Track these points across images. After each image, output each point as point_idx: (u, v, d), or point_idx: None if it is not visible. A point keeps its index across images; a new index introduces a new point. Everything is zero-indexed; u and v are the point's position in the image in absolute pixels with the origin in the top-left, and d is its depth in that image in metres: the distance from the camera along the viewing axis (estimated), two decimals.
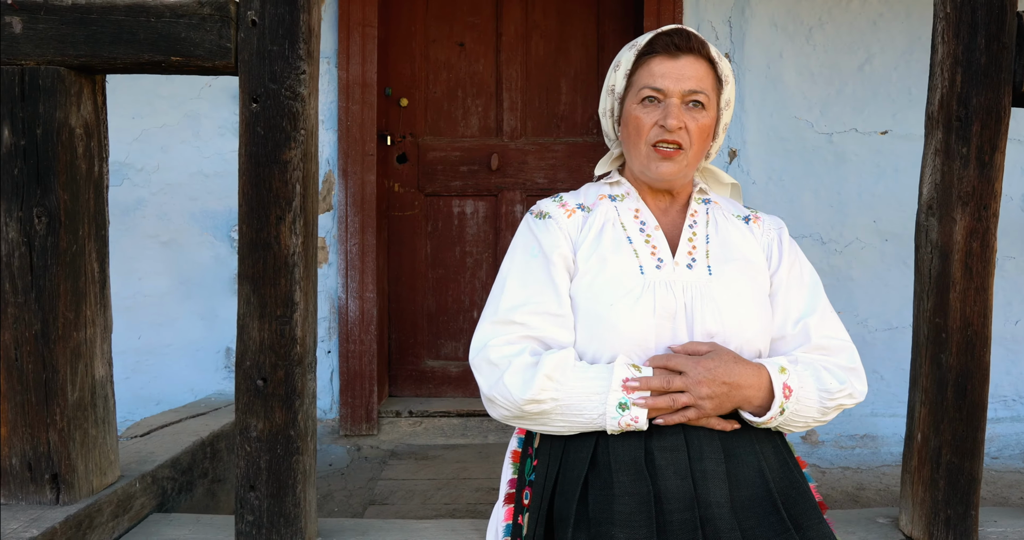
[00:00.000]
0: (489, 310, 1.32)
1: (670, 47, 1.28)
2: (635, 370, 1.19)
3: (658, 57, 1.29)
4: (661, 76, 1.28)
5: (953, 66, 1.43)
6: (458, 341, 3.15)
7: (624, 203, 1.38)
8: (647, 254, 1.31)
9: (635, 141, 1.31)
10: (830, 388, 1.23)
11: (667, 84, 1.27)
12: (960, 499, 1.49)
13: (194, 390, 2.67)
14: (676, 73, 1.27)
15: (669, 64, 1.28)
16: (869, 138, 2.83)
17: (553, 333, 1.27)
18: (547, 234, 1.33)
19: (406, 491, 2.31)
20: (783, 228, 1.41)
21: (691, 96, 1.27)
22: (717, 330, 1.24)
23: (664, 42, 1.29)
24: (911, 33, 2.81)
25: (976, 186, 1.43)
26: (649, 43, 1.30)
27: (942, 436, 1.48)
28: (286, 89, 1.38)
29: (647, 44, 1.31)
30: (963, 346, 1.46)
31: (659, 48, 1.29)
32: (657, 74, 1.28)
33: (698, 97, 1.28)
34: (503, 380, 1.22)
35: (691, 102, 1.28)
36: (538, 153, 3.08)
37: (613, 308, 1.25)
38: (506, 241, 3.10)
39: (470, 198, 3.12)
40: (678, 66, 1.27)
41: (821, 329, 1.31)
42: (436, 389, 3.13)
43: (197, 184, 2.63)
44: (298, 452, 1.43)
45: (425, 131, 3.08)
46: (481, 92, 3.09)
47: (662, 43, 1.29)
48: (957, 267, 1.44)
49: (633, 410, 1.17)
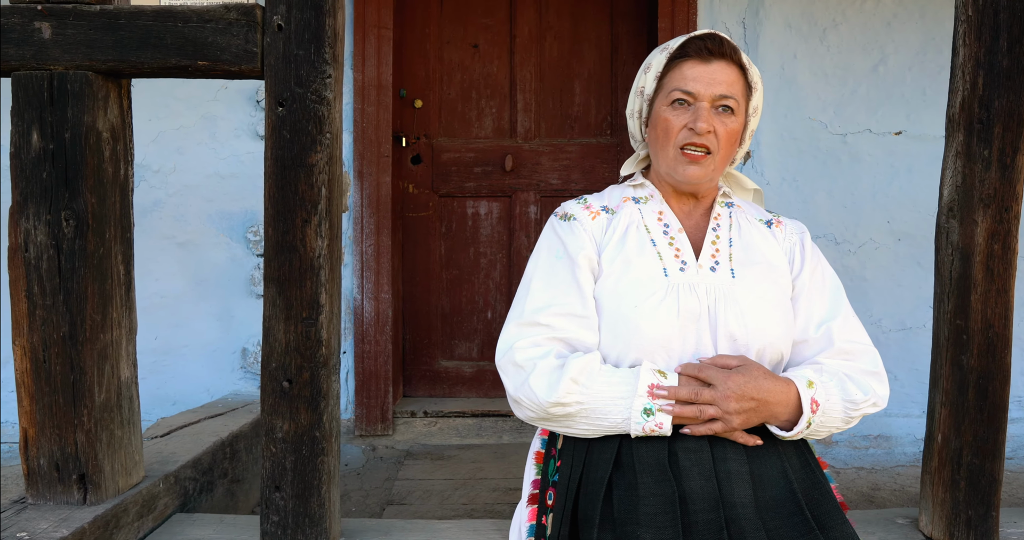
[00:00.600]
0: (515, 312, 1.33)
1: (703, 51, 1.29)
2: (661, 376, 1.20)
3: (690, 61, 1.30)
4: (693, 80, 1.28)
5: (975, 68, 1.43)
6: (472, 341, 3.16)
7: (648, 205, 1.38)
8: (671, 256, 1.32)
9: (663, 143, 1.32)
10: (855, 398, 1.24)
11: (698, 88, 1.28)
12: (981, 500, 1.50)
13: (210, 391, 2.68)
14: (708, 77, 1.28)
15: (701, 68, 1.28)
16: (883, 139, 2.83)
17: (578, 334, 1.28)
18: (572, 236, 1.34)
19: (423, 491, 2.32)
20: (805, 233, 1.42)
21: (721, 101, 1.28)
22: (740, 333, 1.25)
23: (697, 46, 1.29)
24: (925, 33, 2.81)
25: (997, 188, 1.44)
26: (681, 47, 1.31)
27: (963, 437, 1.49)
28: (312, 93, 1.39)
29: (679, 48, 1.31)
30: (984, 348, 1.46)
31: (692, 52, 1.29)
32: (689, 77, 1.29)
33: (728, 102, 1.28)
34: (529, 382, 1.23)
35: (721, 107, 1.29)
36: (552, 154, 3.09)
37: (637, 310, 1.26)
38: (520, 242, 3.11)
39: (484, 199, 3.13)
40: (710, 70, 1.28)
41: (844, 333, 1.31)
42: (450, 389, 3.14)
43: (213, 185, 2.65)
44: (323, 453, 1.44)
45: (439, 132, 3.10)
46: (495, 93, 3.10)
47: (695, 47, 1.29)
48: (979, 269, 1.45)
49: (658, 416, 1.18)
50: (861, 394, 1.24)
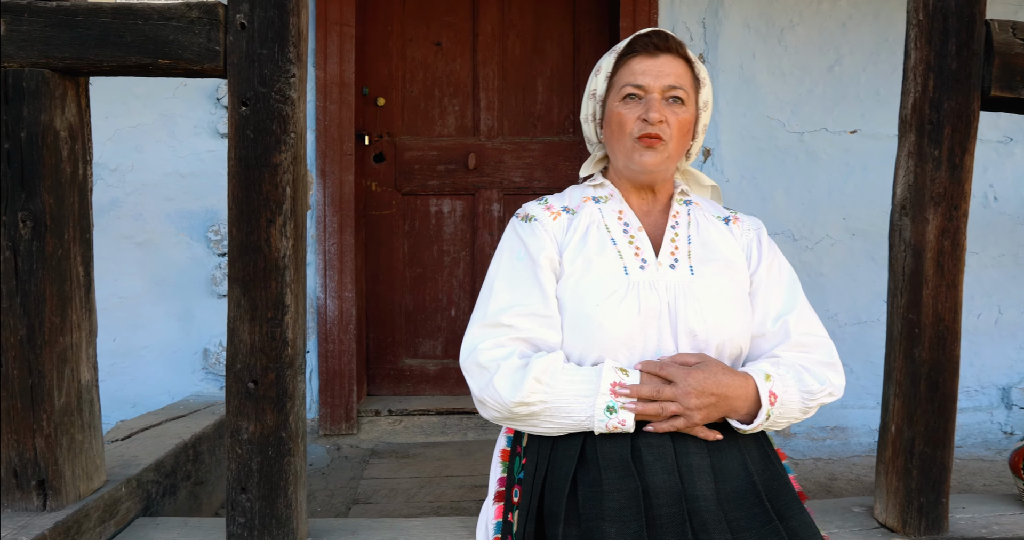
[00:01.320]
0: (478, 313, 1.34)
1: (649, 47, 1.32)
2: (623, 374, 1.22)
3: (638, 56, 1.33)
4: (641, 73, 1.32)
5: (926, 71, 1.48)
6: (436, 339, 3.16)
7: (608, 205, 1.41)
8: (631, 255, 1.34)
9: (619, 137, 1.35)
10: (812, 389, 1.27)
11: (647, 80, 1.31)
12: (932, 487, 1.55)
13: (171, 392, 2.64)
14: (656, 70, 1.31)
15: (649, 62, 1.32)
16: (839, 137, 2.90)
17: (541, 334, 1.29)
18: (533, 237, 1.36)
19: (389, 490, 2.32)
20: (762, 228, 1.45)
21: (671, 91, 1.31)
22: (700, 328, 1.28)
23: (643, 42, 1.33)
24: (879, 35, 2.89)
25: (947, 187, 1.49)
26: (628, 44, 1.35)
27: (915, 427, 1.54)
28: (276, 92, 1.38)
29: (626, 46, 1.35)
30: (935, 341, 1.52)
31: (639, 48, 1.33)
32: (637, 71, 1.32)
33: (677, 93, 1.32)
34: (493, 383, 1.24)
35: (671, 98, 1.32)
36: (515, 152, 3.11)
37: (599, 308, 1.28)
38: (483, 240, 3.12)
39: (447, 197, 3.13)
40: (657, 64, 1.32)
41: (800, 326, 1.35)
42: (414, 387, 3.14)
43: (173, 184, 2.61)
44: (290, 453, 1.44)
45: (402, 130, 3.09)
46: (458, 91, 3.10)
47: (641, 43, 1.33)
48: (930, 265, 1.50)
49: (620, 413, 1.20)
50: (817, 384, 1.28)
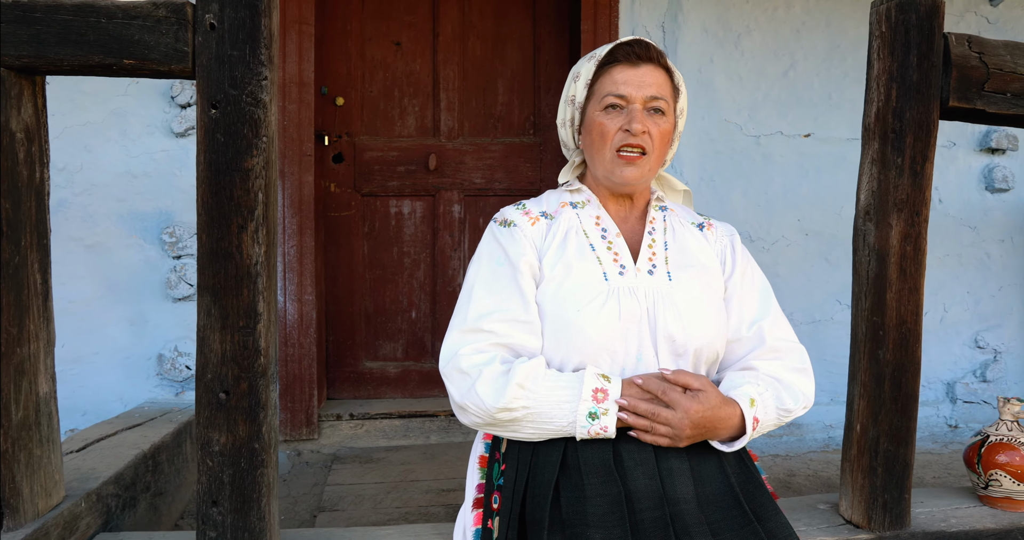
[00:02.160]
0: (457, 319, 1.33)
1: (631, 56, 1.33)
2: (604, 380, 1.23)
3: (620, 66, 1.33)
4: (623, 83, 1.32)
5: (888, 82, 1.53)
6: (396, 342, 3.13)
7: (585, 210, 1.41)
8: (610, 261, 1.35)
9: (599, 147, 1.35)
10: (788, 407, 1.30)
11: (629, 91, 1.32)
12: (896, 484, 1.61)
13: (124, 399, 2.55)
14: (638, 80, 1.32)
15: (631, 72, 1.32)
16: (793, 140, 2.97)
17: (522, 340, 1.29)
18: (512, 242, 1.35)
19: (355, 496, 2.28)
20: (735, 235, 1.48)
21: (652, 102, 1.32)
22: (678, 334, 1.29)
23: (625, 51, 1.33)
24: (831, 42, 2.96)
25: (910, 194, 1.54)
26: (610, 53, 1.35)
27: (880, 427, 1.59)
28: (247, 95, 1.34)
29: (608, 54, 1.35)
30: (899, 342, 1.57)
31: (621, 57, 1.33)
32: (620, 81, 1.32)
33: (659, 104, 1.33)
34: (475, 389, 1.24)
35: (652, 108, 1.33)
36: (475, 153, 3.09)
37: (580, 314, 1.28)
38: (444, 241, 3.10)
39: (407, 198, 3.10)
40: (639, 74, 1.32)
41: (774, 331, 1.38)
42: (375, 390, 3.10)
43: (125, 185, 2.51)
44: (263, 465, 1.40)
45: (361, 131, 3.04)
46: (418, 92, 3.07)
47: (623, 52, 1.33)
48: (893, 269, 1.55)
49: (603, 420, 1.20)
50: (793, 403, 1.31)
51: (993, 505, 1.77)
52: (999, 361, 3.12)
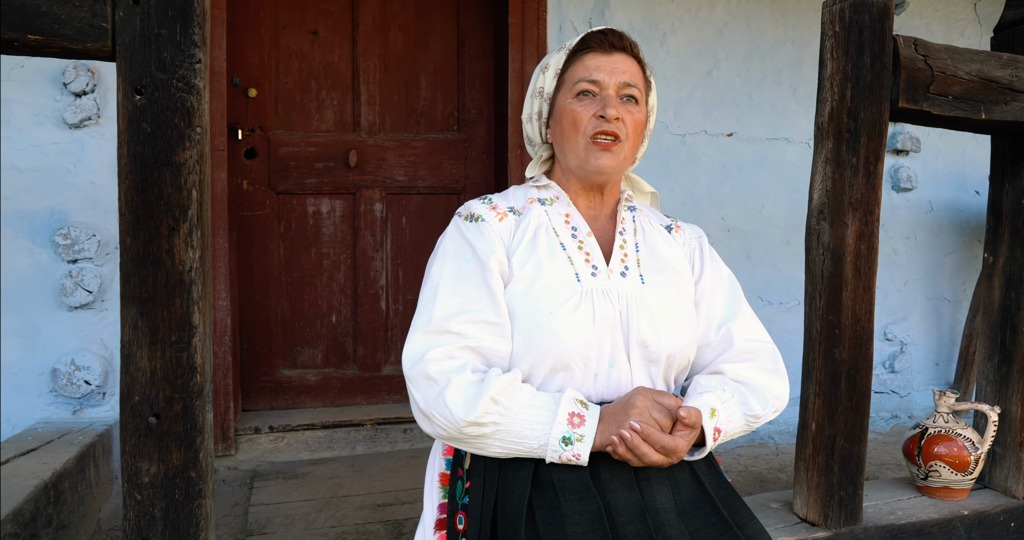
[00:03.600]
0: (421, 319, 1.23)
1: (604, 44, 1.27)
2: (581, 406, 1.15)
3: (592, 53, 1.27)
4: (596, 69, 1.26)
5: (843, 81, 1.53)
6: (315, 348, 2.96)
7: (554, 207, 1.34)
8: (581, 261, 1.28)
9: (571, 135, 1.28)
10: (756, 412, 1.25)
11: (602, 76, 1.25)
12: (850, 481, 1.62)
13: (11, 420, 2.27)
14: (610, 66, 1.26)
15: (603, 59, 1.27)
16: (717, 140, 3.01)
17: (491, 343, 1.21)
18: (481, 238, 1.26)
19: (284, 516, 2.12)
20: (703, 237, 1.44)
21: (626, 89, 1.26)
22: (651, 339, 1.24)
23: (598, 39, 1.28)
24: (751, 43, 3.02)
25: (864, 193, 1.55)
26: (582, 41, 1.28)
27: (836, 425, 1.60)
28: (178, 80, 1.19)
29: (579, 42, 1.29)
30: (854, 341, 1.58)
31: (593, 44, 1.27)
32: (592, 67, 1.26)
33: (632, 91, 1.27)
34: (443, 398, 1.14)
35: (625, 96, 1.27)
36: (398, 150, 2.96)
37: (553, 316, 1.21)
38: (365, 241, 2.96)
39: (326, 196, 2.93)
40: (612, 60, 1.27)
41: (743, 332, 1.35)
42: (294, 400, 2.92)
43: (10, 181, 2.23)
44: (200, 495, 1.25)
45: (276, 124, 2.85)
46: (337, 84, 2.91)
47: (596, 40, 1.28)
48: (849, 269, 1.56)
49: (576, 446, 1.12)
50: (760, 408, 1.26)
51: (932, 495, 1.82)
52: (905, 352, 3.28)
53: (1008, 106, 1.66)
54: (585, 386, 1.23)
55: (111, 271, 2.35)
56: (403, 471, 2.47)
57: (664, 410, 1.16)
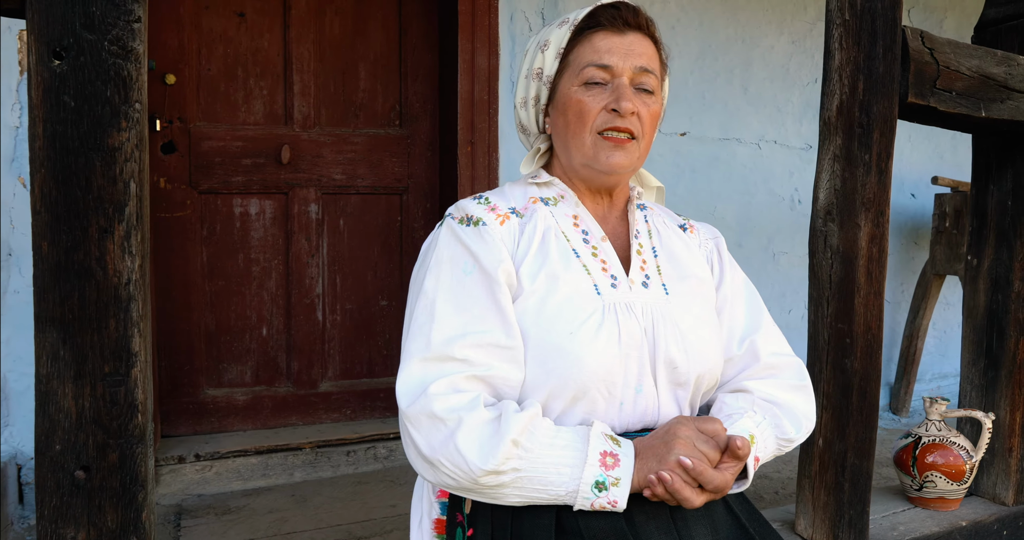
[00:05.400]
0: (417, 343, 1.03)
1: (616, 21, 1.09)
2: (613, 443, 0.98)
3: (602, 32, 1.09)
4: (607, 52, 1.08)
5: (854, 73, 1.43)
6: (244, 364, 2.67)
7: (559, 208, 1.16)
8: (598, 270, 1.11)
9: (576, 130, 1.10)
10: (790, 436, 1.13)
11: (615, 61, 1.07)
12: (859, 498, 1.52)
13: None
14: (624, 49, 1.08)
15: (616, 39, 1.09)
16: (671, 139, 2.91)
17: (502, 371, 1.02)
18: (484, 245, 1.07)
19: None
20: (719, 238, 1.29)
21: (641, 76, 1.09)
22: (680, 359, 1.08)
23: (610, 15, 1.09)
24: (703, 41, 2.94)
25: (876, 192, 1.45)
26: (590, 16, 1.10)
27: (847, 440, 1.49)
28: (111, 42, 0.94)
29: (587, 17, 1.10)
30: (866, 350, 1.48)
31: (605, 21, 1.09)
32: (602, 49, 1.08)
33: (648, 79, 1.10)
34: (456, 443, 0.95)
35: (640, 85, 1.10)
36: (335, 145, 2.72)
37: (573, 337, 1.03)
38: (299, 246, 2.69)
39: (255, 196, 2.65)
40: (626, 42, 1.09)
41: (768, 346, 1.21)
42: (220, 422, 2.62)
43: None
44: None
45: (198, 116, 2.55)
46: (267, 72, 2.63)
47: (607, 16, 1.09)
48: (862, 273, 1.45)
49: (612, 491, 0.95)
50: (794, 430, 1.14)
51: (926, 506, 1.75)
52: None
53: (1003, 104, 1.61)
54: (609, 416, 1.06)
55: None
56: (351, 501, 2.23)
57: (710, 441, 1.00)
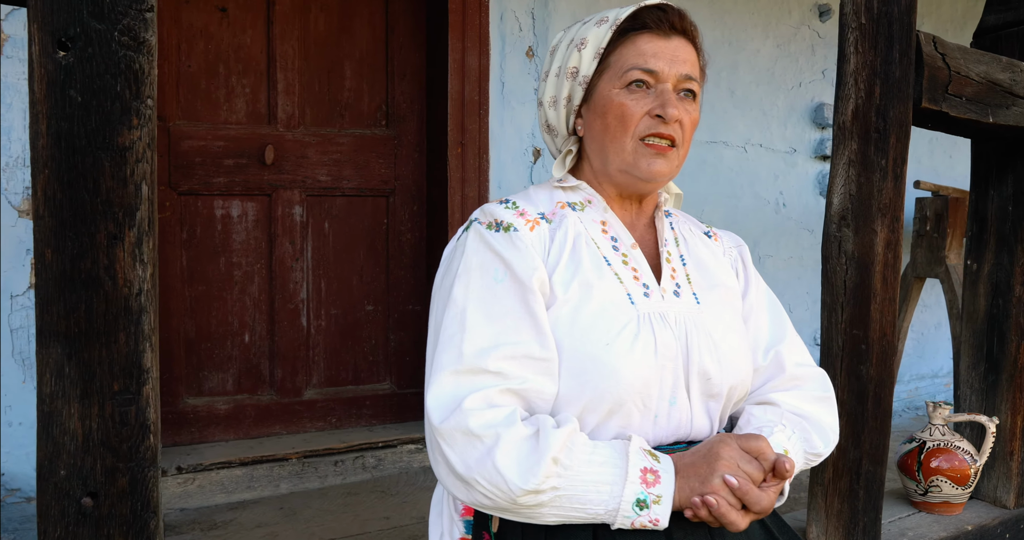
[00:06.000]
0: (448, 355, 0.98)
1: (663, 24, 1.05)
2: (652, 459, 0.94)
3: (647, 34, 1.06)
4: (653, 56, 1.04)
5: (871, 77, 1.41)
6: (226, 372, 2.58)
7: (587, 214, 1.12)
8: (630, 279, 1.07)
9: (617, 134, 1.06)
10: (818, 450, 1.12)
11: (661, 66, 1.04)
12: (873, 505, 1.51)
13: None
14: (670, 54, 1.05)
15: (661, 44, 1.05)
16: None
17: (537, 384, 0.98)
18: (517, 252, 1.02)
19: None
20: (743, 246, 1.27)
21: (685, 83, 1.06)
22: (714, 370, 1.05)
23: (656, 17, 1.05)
24: None
25: (892, 198, 1.44)
26: (633, 17, 1.06)
27: (862, 447, 1.47)
28: (122, 32, 0.88)
29: (630, 18, 1.06)
30: (881, 356, 1.46)
31: (651, 23, 1.05)
32: (648, 53, 1.05)
33: (692, 85, 1.07)
34: (493, 461, 0.90)
35: (683, 91, 1.07)
36: (320, 146, 2.64)
37: (610, 349, 0.99)
38: (283, 249, 2.61)
39: (237, 198, 2.56)
40: (671, 47, 1.06)
41: (792, 356, 1.19)
42: (201, 433, 2.53)
43: None
44: None
45: (178, 114, 2.45)
46: (249, 69, 2.55)
47: (653, 18, 1.05)
48: (877, 279, 1.44)
49: (654, 509, 0.92)
50: (822, 445, 1.12)
51: (931, 510, 1.75)
52: None
53: (1009, 110, 1.61)
54: (643, 429, 1.02)
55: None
56: (343, 513, 2.16)
57: (754, 461, 0.97)
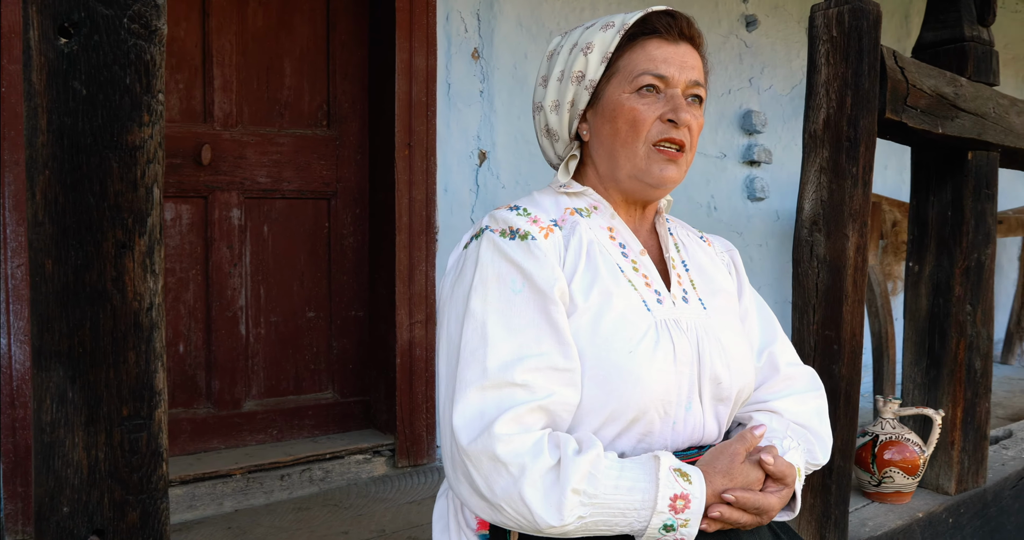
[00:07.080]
0: (471, 371, 0.95)
1: (672, 30, 1.07)
2: (684, 481, 0.94)
3: (656, 40, 1.06)
4: (664, 61, 1.05)
5: (842, 88, 1.47)
6: None
7: (593, 220, 1.12)
8: (642, 285, 1.08)
9: (628, 139, 1.07)
10: (818, 460, 1.17)
11: (672, 71, 1.05)
12: (843, 499, 1.57)
13: None
14: (679, 60, 1.07)
15: (671, 49, 1.07)
16: None
17: (563, 397, 0.97)
18: (535, 261, 1.01)
19: None
20: (734, 250, 1.29)
21: (693, 89, 1.08)
22: (724, 374, 1.07)
23: (666, 22, 1.06)
24: None
25: (861, 204, 1.50)
26: (642, 22, 1.06)
27: (835, 443, 1.53)
28: (131, 19, 0.80)
29: (639, 23, 1.06)
30: (852, 356, 1.53)
31: (661, 28, 1.06)
32: (659, 59, 1.05)
33: (699, 91, 1.09)
34: (521, 493, 0.90)
35: (691, 96, 1.09)
36: (259, 146, 2.52)
37: (632, 356, 1.00)
38: (221, 255, 2.47)
39: (171, 200, 2.40)
40: (680, 52, 1.07)
41: (784, 356, 1.23)
42: None
43: None
44: None
45: None
46: (183, 64, 2.40)
47: (663, 24, 1.06)
48: (849, 282, 1.50)
49: (680, 532, 0.93)
50: (822, 456, 1.18)
51: (884, 500, 1.84)
52: None
53: (953, 122, 1.72)
54: (663, 436, 1.03)
55: None
56: (297, 530, 2.07)
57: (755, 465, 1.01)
